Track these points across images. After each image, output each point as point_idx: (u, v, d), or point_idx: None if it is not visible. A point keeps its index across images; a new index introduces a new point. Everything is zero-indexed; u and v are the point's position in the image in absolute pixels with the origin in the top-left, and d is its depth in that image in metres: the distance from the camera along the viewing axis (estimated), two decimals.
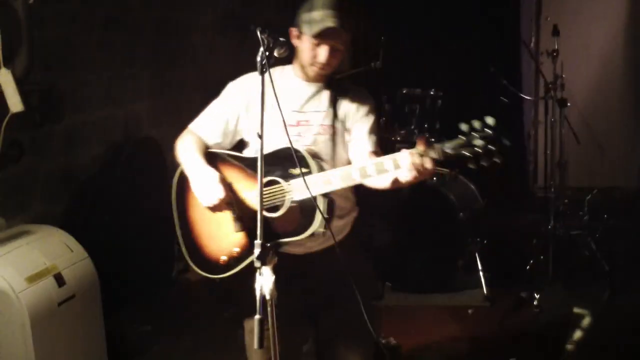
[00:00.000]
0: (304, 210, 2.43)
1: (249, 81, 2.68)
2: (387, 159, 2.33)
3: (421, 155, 2.26)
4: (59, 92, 4.13)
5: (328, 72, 2.61)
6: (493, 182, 6.50)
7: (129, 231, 4.62)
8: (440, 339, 4.24)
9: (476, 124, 2.25)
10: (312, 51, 2.54)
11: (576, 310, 4.49)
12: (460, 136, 2.26)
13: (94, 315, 3.50)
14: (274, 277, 2.06)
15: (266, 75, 2.21)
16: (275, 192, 2.49)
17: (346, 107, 2.66)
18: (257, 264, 2.06)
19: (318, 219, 2.41)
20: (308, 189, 2.29)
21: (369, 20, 6.36)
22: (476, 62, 5.96)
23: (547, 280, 4.83)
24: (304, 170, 2.40)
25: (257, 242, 2.07)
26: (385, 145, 4.66)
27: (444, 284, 4.78)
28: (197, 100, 5.78)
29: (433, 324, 4.44)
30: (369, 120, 2.70)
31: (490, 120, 2.24)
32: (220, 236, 2.62)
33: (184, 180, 2.70)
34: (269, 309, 2.08)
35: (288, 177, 2.47)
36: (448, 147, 2.26)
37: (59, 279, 3.23)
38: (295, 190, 2.45)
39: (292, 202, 2.45)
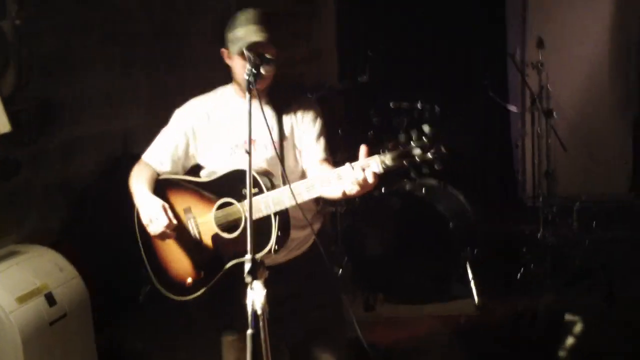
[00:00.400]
0: (259, 229, 2.41)
1: (193, 106, 2.76)
2: (332, 174, 2.34)
3: (363, 169, 2.27)
4: (55, 105, 4.14)
5: (264, 86, 2.60)
6: (482, 192, 6.56)
7: (124, 244, 4.61)
8: (433, 348, 4.24)
9: (413, 133, 2.27)
10: (243, 69, 2.50)
11: (568, 317, 4.50)
12: (399, 147, 2.27)
13: (85, 334, 3.50)
14: (265, 291, 2.07)
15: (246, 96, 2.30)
16: (230, 213, 2.53)
17: (290, 119, 2.69)
18: (248, 279, 2.06)
19: (273, 237, 2.45)
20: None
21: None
22: (463, 74, 6.01)
23: (537, 288, 4.85)
24: (254, 190, 2.42)
25: (248, 257, 2.07)
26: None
27: (435, 294, 4.79)
28: None
29: (425, 334, 4.44)
30: (315, 128, 2.72)
31: (426, 128, 2.26)
32: (184, 259, 2.67)
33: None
34: (261, 323, 2.09)
35: (241, 197, 2.50)
36: (388, 158, 2.27)
37: (50, 299, 3.23)
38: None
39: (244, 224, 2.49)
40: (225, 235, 2.56)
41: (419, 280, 4.73)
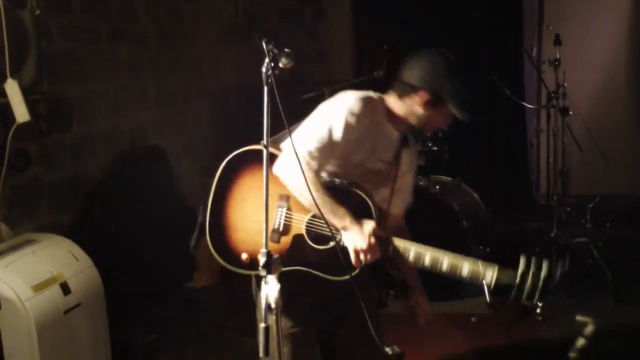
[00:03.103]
0: (346, 256, 2.47)
1: (370, 109, 2.60)
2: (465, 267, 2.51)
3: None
4: (66, 102, 4.17)
5: (404, 128, 2.66)
6: (496, 190, 6.54)
7: (135, 240, 4.64)
8: (444, 346, 4.24)
9: (533, 265, 2.39)
10: (444, 118, 2.60)
11: (579, 318, 4.48)
12: (517, 272, 2.40)
13: (99, 324, 3.51)
14: (279, 285, 2.08)
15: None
16: (326, 227, 2.51)
17: (404, 160, 2.71)
18: (263, 272, 2.08)
19: (355, 270, 2.48)
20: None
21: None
22: (479, 70, 5.99)
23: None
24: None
25: (263, 250, 2.09)
26: None
27: (447, 292, 4.78)
28: (201, 109, 5.83)
29: (436, 332, 4.44)
30: (413, 177, 2.81)
31: (545, 267, 2.37)
32: (253, 236, 2.64)
33: (233, 169, 2.71)
34: (274, 317, 2.10)
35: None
36: (503, 278, 2.42)
37: (65, 288, 3.25)
38: None
39: (338, 243, 2.49)
40: (310, 242, 2.57)
41: (431, 278, 4.71)
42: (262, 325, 2.03)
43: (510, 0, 6.80)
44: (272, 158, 2.56)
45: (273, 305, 2.07)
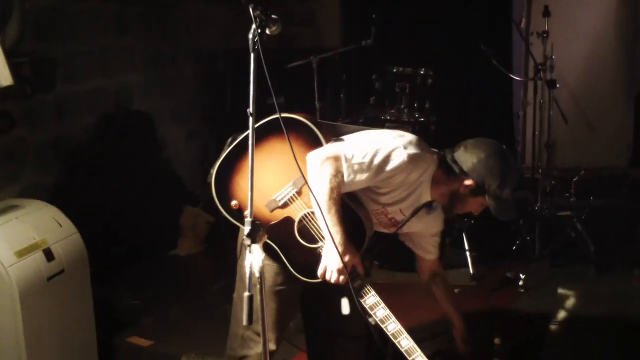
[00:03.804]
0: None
1: (420, 171, 2.64)
2: None
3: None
4: (50, 62, 4.11)
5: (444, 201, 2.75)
6: None
7: (119, 203, 4.62)
8: (427, 316, 4.27)
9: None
10: (479, 206, 2.69)
11: (561, 290, 4.53)
12: None
13: (83, 290, 3.51)
14: (263, 255, 2.08)
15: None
16: (318, 228, 2.59)
17: (419, 219, 2.79)
18: (247, 241, 2.07)
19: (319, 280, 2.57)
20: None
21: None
22: (467, 41, 5.96)
23: (533, 260, 4.88)
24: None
25: (247, 219, 2.08)
26: (373, 123, 4.69)
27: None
28: (188, 72, 5.77)
29: (420, 302, 4.46)
30: (435, 240, 3.00)
31: None
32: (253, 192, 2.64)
33: (271, 130, 2.68)
34: (257, 286, 2.10)
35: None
36: None
37: (48, 254, 3.24)
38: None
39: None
40: (295, 232, 2.62)
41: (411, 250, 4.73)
42: (245, 294, 2.03)
43: None
44: (316, 141, 2.63)
45: (257, 275, 2.06)
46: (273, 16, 2.34)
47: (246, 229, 2.06)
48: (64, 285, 3.31)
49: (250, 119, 2.13)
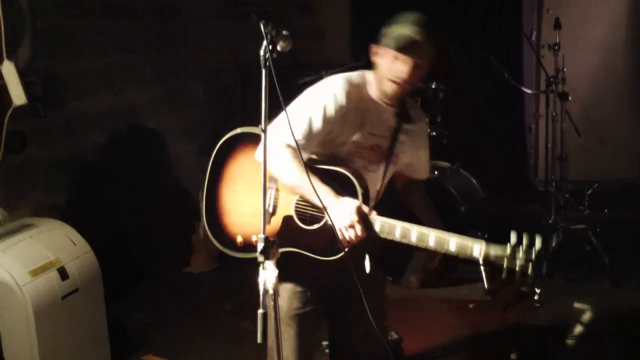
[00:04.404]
0: (335, 237, 2.44)
1: (355, 89, 2.60)
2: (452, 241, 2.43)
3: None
4: (59, 81, 4.13)
5: (405, 90, 2.59)
6: (494, 176, 6.52)
7: (130, 221, 4.63)
8: (441, 332, 4.25)
9: (525, 239, 2.31)
10: (394, 66, 2.52)
11: (577, 305, 4.49)
12: (507, 247, 2.34)
13: (96, 309, 3.51)
14: (277, 271, 2.07)
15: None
16: (315, 207, 2.50)
17: (406, 136, 2.69)
18: (260, 258, 2.07)
19: (343, 252, 2.44)
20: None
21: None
22: (478, 54, 5.96)
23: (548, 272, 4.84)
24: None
25: (261, 236, 2.07)
26: None
27: (445, 277, 4.79)
28: (197, 87, 5.79)
29: (434, 317, 4.45)
30: (426, 148, 2.84)
31: (538, 241, 2.30)
32: (246, 219, 2.65)
33: (225, 153, 2.72)
34: (271, 302, 2.09)
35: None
36: (492, 252, 2.36)
37: (63, 273, 3.24)
38: None
39: (327, 224, 2.47)
40: (299, 223, 2.56)
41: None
42: (260, 311, 2.02)
43: None
44: (258, 142, 2.55)
45: (271, 291, 2.06)
46: (284, 32, 2.34)
47: (259, 246, 2.06)
48: (78, 304, 3.32)
49: (263, 135, 2.13)
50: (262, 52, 2.19)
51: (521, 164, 6.99)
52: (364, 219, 2.43)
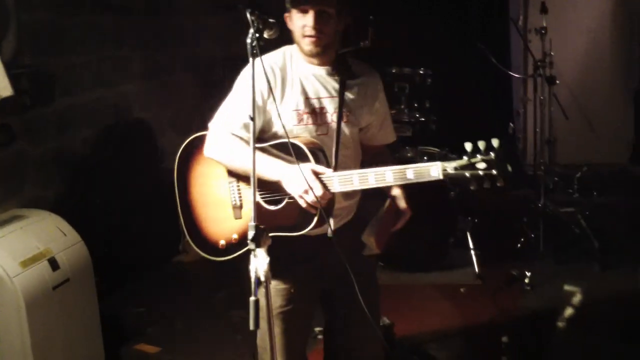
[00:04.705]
0: (302, 208, 2.40)
1: (267, 61, 2.53)
2: (409, 170, 2.32)
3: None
4: (48, 75, 4.11)
5: (323, 42, 2.51)
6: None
7: (121, 213, 4.62)
8: (433, 317, 4.27)
9: (481, 145, 2.22)
10: (300, 22, 2.47)
11: (567, 287, 4.53)
12: (464, 157, 2.23)
13: (88, 299, 3.51)
14: (268, 259, 2.07)
15: (258, 59, 2.18)
16: (276, 185, 2.45)
17: (356, 92, 2.62)
18: (251, 246, 2.07)
19: (315, 219, 2.40)
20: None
21: None
22: (465, 39, 5.97)
23: (538, 257, 4.87)
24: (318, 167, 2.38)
25: (251, 224, 2.08)
26: None
27: (435, 263, 4.81)
28: (186, 81, 5.78)
29: (425, 302, 4.47)
30: (384, 107, 2.73)
31: (495, 142, 2.21)
32: (220, 221, 2.64)
33: (185, 163, 2.72)
34: (264, 290, 2.10)
35: None
36: (450, 167, 2.24)
37: (53, 263, 3.24)
38: None
39: (290, 198, 2.44)
40: (267, 207, 2.52)
41: (419, 249, 4.74)
42: (251, 298, 2.02)
43: None
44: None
45: (262, 279, 2.06)
46: (270, 20, 2.34)
47: (250, 233, 2.06)
48: (70, 294, 3.32)
49: (251, 123, 2.13)
50: (248, 40, 2.19)
51: (510, 149, 7.01)
52: (319, 179, 2.37)
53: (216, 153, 2.57)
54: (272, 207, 2.52)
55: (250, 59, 2.17)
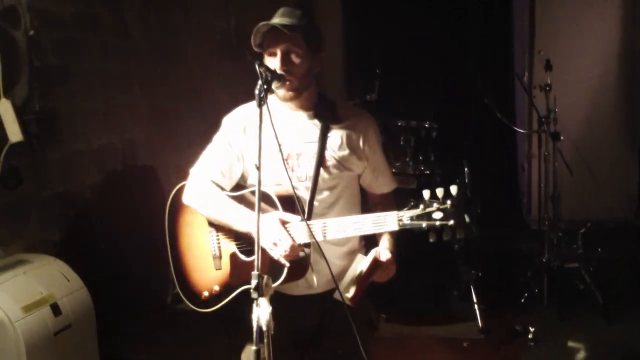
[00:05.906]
0: (273, 259, 2.35)
1: (243, 111, 2.62)
2: (368, 220, 2.28)
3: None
4: (56, 119, 4.16)
5: (294, 85, 2.43)
6: (488, 215, 6.54)
7: (126, 258, 4.62)
8: None
9: (439, 192, 2.14)
10: (271, 65, 2.39)
11: (571, 343, 4.49)
12: (420, 205, 2.16)
13: (89, 346, 3.49)
14: (270, 308, 2.07)
15: (264, 107, 2.22)
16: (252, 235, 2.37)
17: (338, 135, 2.52)
18: (254, 295, 2.07)
19: (285, 270, 2.34)
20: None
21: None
22: (471, 94, 6.03)
23: (541, 312, 4.84)
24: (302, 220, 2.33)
25: (254, 273, 2.08)
26: None
27: (438, 316, 4.79)
28: (194, 126, 5.83)
29: (427, 356, 4.43)
30: (380, 152, 2.63)
31: (454, 189, 2.13)
32: (203, 271, 2.64)
33: (174, 212, 2.73)
34: (265, 340, 2.09)
35: None
36: (406, 216, 2.17)
37: (56, 309, 3.23)
38: None
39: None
40: (243, 257, 2.51)
41: (422, 301, 4.72)
42: (253, 348, 2.02)
43: (501, 24, 6.86)
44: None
45: (264, 328, 2.05)
46: (278, 72, 2.39)
47: (253, 282, 2.06)
48: (71, 340, 3.30)
49: (258, 172, 2.15)
50: (257, 91, 2.23)
51: (514, 203, 7.02)
52: (286, 230, 2.31)
53: (193, 201, 2.59)
54: (247, 259, 2.50)
55: (258, 109, 2.21)
